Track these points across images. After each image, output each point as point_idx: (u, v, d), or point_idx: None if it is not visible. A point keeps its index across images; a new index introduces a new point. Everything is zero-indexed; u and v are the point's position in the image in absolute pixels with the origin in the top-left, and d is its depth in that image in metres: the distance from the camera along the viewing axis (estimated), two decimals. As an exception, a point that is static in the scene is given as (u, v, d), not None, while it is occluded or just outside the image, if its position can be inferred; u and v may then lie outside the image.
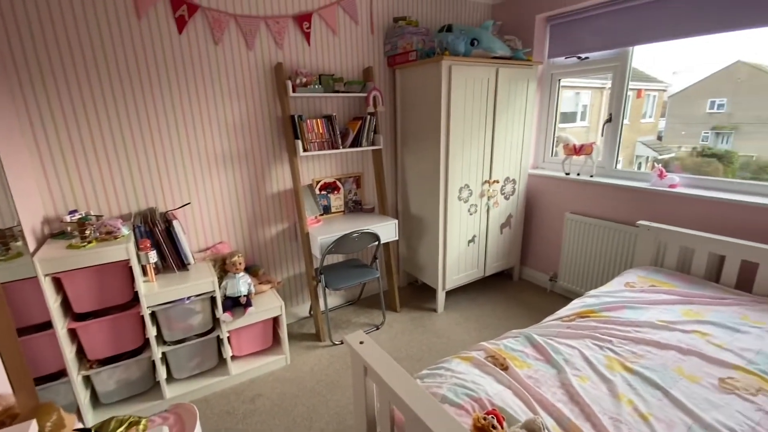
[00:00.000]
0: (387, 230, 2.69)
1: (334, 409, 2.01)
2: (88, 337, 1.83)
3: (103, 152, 2.04)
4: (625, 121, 2.75)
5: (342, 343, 2.56)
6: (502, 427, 1.04)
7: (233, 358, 2.27)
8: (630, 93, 2.70)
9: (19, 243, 1.64)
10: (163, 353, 2.04)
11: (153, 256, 1.94)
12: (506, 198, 3.05)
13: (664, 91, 3.08)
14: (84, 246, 1.71)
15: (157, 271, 2.08)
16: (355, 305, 3.09)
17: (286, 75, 2.42)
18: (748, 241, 1.99)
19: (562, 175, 2.98)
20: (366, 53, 2.74)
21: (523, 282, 3.40)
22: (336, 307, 3.05)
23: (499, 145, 2.85)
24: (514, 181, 3.06)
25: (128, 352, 1.95)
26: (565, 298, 2.96)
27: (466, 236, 2.89)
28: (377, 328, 2.74)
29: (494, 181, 2.92)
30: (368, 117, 2.63)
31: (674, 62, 2.76)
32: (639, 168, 3.08)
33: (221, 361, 2.27)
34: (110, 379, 1.94)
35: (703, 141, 2.68)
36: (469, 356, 1.50)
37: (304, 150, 2.43)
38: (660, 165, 2.52)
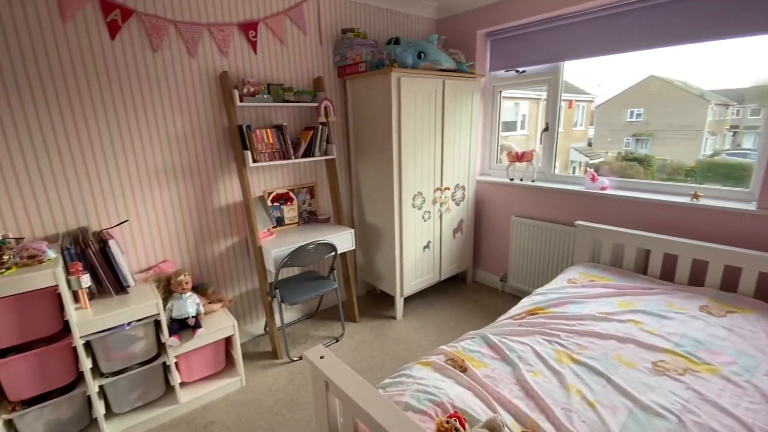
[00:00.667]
0: (343, 240, 2.67)
1: (295, 428, 1.94)
2: (9, 376, 1.62)
3: (23, 168, 1.83)
4: (560, 129, 2.98)
5: (300, 359, 2.49)
6: (464, 429, 1.07)
7: (182, 384, 2.11)
8: (563, 104, 2.93)
9: None
10: (101, 386, 1.85)
11: (86, 280, 1.77)
12: (457, 204, 3.16)
13: (592, 101, 3.38)
14: (1, 273, 1.52)
15: (92, 296, 1.89)
16: (313, 318, 3.02)
17: (233, 84, 2.34)
18: (669, 236, 2.23)
19: (507, 180, 3.15)
20: (315, 63, 2.73)
21: (476, 284, 3.53)
22: (293, 321, 2.96)
23: (448, 153, 2.96)
24: (463, 187, 3.18)
25: (59, 388, 1.75)
26: (516, 297, 3.11)
27: (421, 242, 2.95)
28: (337, 341, 2.69)
29: (445, 188, 3.02)
30: (320, 127, 2.61)
31: (599, 76, 3.05)
32: (573, 172, 3.34)
33: (169, 389, 2.11)
34: (38, 421, 1.73)
35: (626, 146, 2.97)
36: (429, 361, 1.52)
37: (254, 161, 2.35)
38: (592, 169, 2.76)
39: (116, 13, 1.94)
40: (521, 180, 3.09)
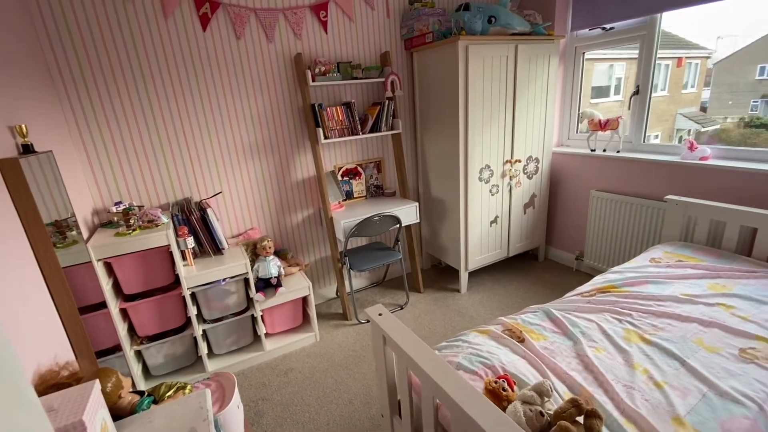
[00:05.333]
0: (408, 213, 2.75)
1: (361, 381, 2.13)
2: (138, 316, 2.02)
3: (141, 147, 2.20)
4: (664, 93, 2.61)
5: (368, 321, 2.68)
6: (512, 390, 1.10)
7: (267, 335, 2.43)
8: (669, 62, 2.55)
9: (74, 232, 1.82)
10: (204, 331, 2.22)
11: (190, 242, 2.11)
12: (529, 177, 3.02)
13: (708, 58, 2.88)
14: (129, 234, 1.88)
15: (195, 255, 2.25)
16: (380, 286, 3.19)
17: (306, 65, 2.49)
18: (785, 212, 1.91)
19: (587, 151, 2.91)
20: (383, 38, 2.76)
21: (549, 262, 3.38)
22: (361, 288, 3.16)
23: (520, 123, 2.82)
24: (537, 159, 3.02)
25: (173, 329, 2.14)
26: (592, 277, 2.92)
27: (488, 217, 2.90)
28: (401, 308, 2.83)
29: (516, 161, 2.90)
30: (386, 102, 2.67)
31: (718, 26, 2.57)
32: (679, 142, 2.95)
33: (256, 338, 2.44)
34: (158, 353, 2.14)
35: (752, 111, 2.51)
36: (486, 329, 1.55)
37: (326, 137, 2.51)
38: (691, 137, 2.42)
39: (206, 6, 2.18)
40: (604, 151, 2.84)
